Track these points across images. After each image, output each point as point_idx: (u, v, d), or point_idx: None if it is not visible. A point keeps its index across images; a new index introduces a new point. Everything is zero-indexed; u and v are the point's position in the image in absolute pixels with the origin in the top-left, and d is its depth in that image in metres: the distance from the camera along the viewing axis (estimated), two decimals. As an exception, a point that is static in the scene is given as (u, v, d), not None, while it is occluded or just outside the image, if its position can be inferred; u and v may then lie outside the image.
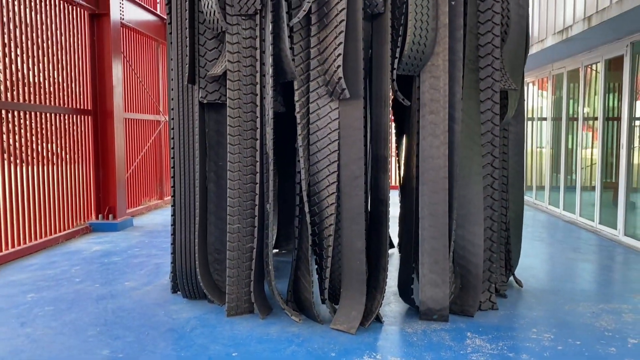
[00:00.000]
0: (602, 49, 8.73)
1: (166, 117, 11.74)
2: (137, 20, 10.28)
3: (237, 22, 4.60)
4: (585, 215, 9.33)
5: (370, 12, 4.59)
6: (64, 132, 8.17)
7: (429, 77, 4.55)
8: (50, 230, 7.71)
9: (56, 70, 8.04)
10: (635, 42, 7.73)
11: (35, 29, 7.54)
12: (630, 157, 7.92)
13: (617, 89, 8.46)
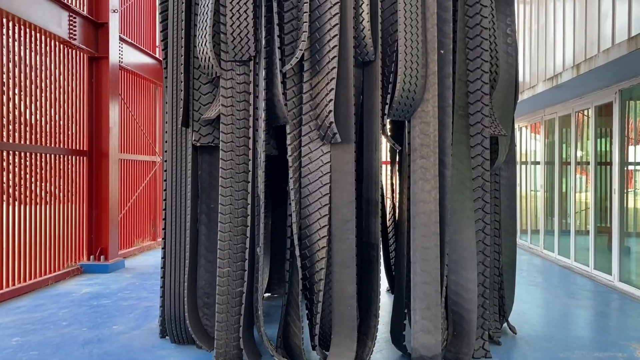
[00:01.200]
0: (592, 95, 8.90)
1: (161, 157, 11.81)
2: (135, 63, 10.47)
3: (231, 68, 4.69)
4: (580, 260, 9.29)
5: (362, 59, 4.69)
6: (59, 172, 8.18)
7: (419, 122, 4.62)
8: (39, 272, 7.62)
9: (54, 110, 8.13)
10: (624, 90, 7.89)
11: (34, 69, 7.67)
12: (623, 202, 7.95)
13: (608, 133, 8.58)
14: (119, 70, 9.45)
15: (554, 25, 9.62)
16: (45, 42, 7.94)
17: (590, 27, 7.91)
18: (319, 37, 4.54)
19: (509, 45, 5.21)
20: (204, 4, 4.72)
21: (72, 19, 8.17)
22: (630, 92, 7.80)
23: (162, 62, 5.20)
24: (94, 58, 9.02)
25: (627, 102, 7.95)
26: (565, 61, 8.70)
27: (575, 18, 8.56)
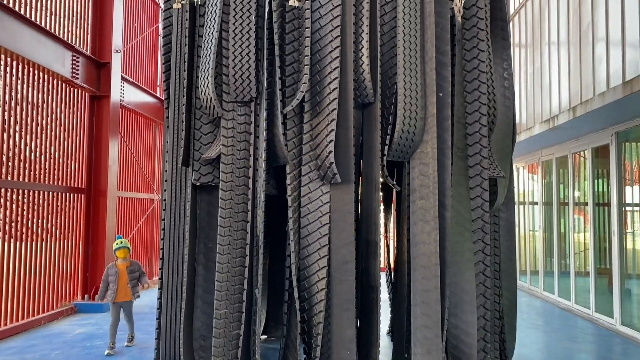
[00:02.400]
0: (588, 137, 8.99)
1: (159, 195, 11.78)
2: (136, 101, 10.58)
3: (232, 109, 4.74)
4: (581, 303, 9.18)
5: (361, 101, 4.75)
6: (56, 210, 8.14)
7: (418, 163, 4.63)
8: (32, 311, 7.48)
9: (54, 147, 8.16)
10: (620, 132, 7.97)
11: (36, 107, 7.73)
12: (623, 244, 7.92)
13: (605, 174, 8.62)
14: (119, 109, 9.54)
15: (549, 68, 9.80)
16: (47, 81, 8.04)
17: (585, 70, 8.06)
18: (320, 79, 4.61)
19: (506, 89, 5.29)
20: (207, 47, 4.80)
21: (76, 58, 8.30)
22: (627, 134, 7.88)
23: (164, 102, 5.25)
24: (95, 97, 9.11)
25: (623, 144, 8.03)
26: (561, 103, 8.83)
27: (570, 62, 8.73)
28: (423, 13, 4.77)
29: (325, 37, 4.63)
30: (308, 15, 4.59)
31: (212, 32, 4.76)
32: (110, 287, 6.24)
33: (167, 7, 5.30)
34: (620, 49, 6.95)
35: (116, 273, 6.24)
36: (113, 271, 6.27)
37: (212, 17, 4.80)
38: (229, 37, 4.77)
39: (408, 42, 4.65)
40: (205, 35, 4.87)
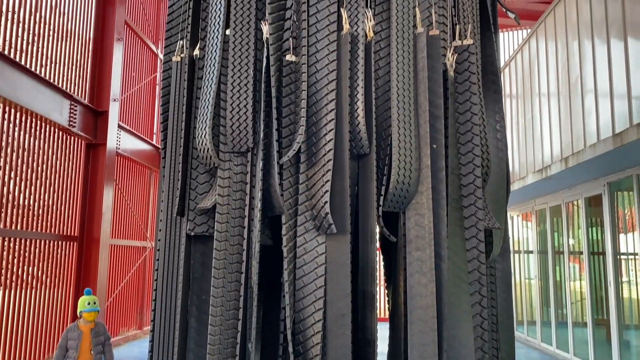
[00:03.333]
0: (581, 187, 9.07)
1: (152, 243, 11.69)
2: (132, 149, 10.64)
3: (229, 159, 4.77)
4: (580, 355, 9.02)
5: (357, 152, 4.80)
6: (47, 258, 8.04)
7: (414, 214, 4.64)
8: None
9: (48, 195, 8.14)
10: (612, 182, 8.06)
11: (31, 154, 7.76)
12: (619, 293, 7.87)
13: (599, 223, 8.66)
14: (115, 157, 9.58)
15: (540, 119, 9.99)
16: (44, 129, 8.10)
17: (576, 122, 8.22)
18: (316, 130, 4.67)
19: (499, 140, 5.37)
20: (205, 98, 4.88)
21: (73, 107, 8.40)
22: (619, 184, 7.97)
23: (161, 152, 5.29)
24: (91, 145, 9.17)
25: (615, 193, 8.10)
26: (553, 154, 8.95)
27: (560, 113, 8.91)
28: (416, 68, 4.89)
29: (321, 90, 4.72)
30: (305, 69, 4.70)
31: (211, 84, 4.85)
32: (69, 355, 5.07)
33: (167, 59, 5.41)
34: (609, 101, 7.11)
35: (79, 336, 5.07)
36: (75, 334, 5.10)
37: (210, 70, 4.90)
38: (227, 89, 4.86)
39: (402, 95, 4.75)
40: (204, 87, 4.96)
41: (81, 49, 9.13)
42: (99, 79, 9.43)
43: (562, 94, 8.89)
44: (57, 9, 8.50)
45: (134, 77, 11.30)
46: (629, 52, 7.15)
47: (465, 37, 5.30)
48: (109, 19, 9.67)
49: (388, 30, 5.04)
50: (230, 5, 5.00)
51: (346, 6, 4.89)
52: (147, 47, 12.08)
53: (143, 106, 11.95)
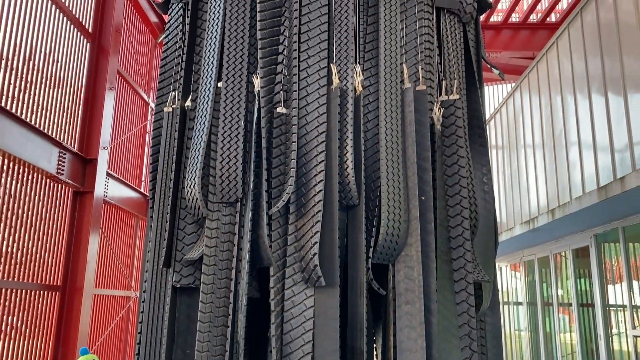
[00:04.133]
0: (568, 239, 9.13)
1: (136, 292, 11.46)
2: (119, 197, 10.58)
3: (217, 209, 4.76)
4: (573, 411, 8.84)
5: (346, 203, 4.81)
6: (28, 308, 7.83)
7: (403, 266, 4.62)
8: (-9, 421, 6.96)
9: (32, 242, 8.01)
10: (598, 234, 8.12)
11: (17, 201, 7.67)
12: (610, 346, 7.80)
13: (587, 274, 8.67)
14: (102, 204, 9.51)
15: (526, 170, 10.15)
16: (31, 175, 8.05)
17: (561, 173, 8.36)
18: (305, 181, 4.69)
19: (486, 193, 5.42)
20: (196, 148, 4.91)
21: (62, 155, 8.39)
22: (605, 235, 8.03)
23: (149, 202, 5.26)
24: (79, 192, 9.11)
25: (602, 245, 8.16)
26: (540, 205, 9.04)
27: (546, 165, 9.07)
28: (404, 121, 4.99)
29: (311, 142, 4.78)
30: (295, 121, 4.77)
31: (202, 134, 4.89)
32: None
33: (158, 110, 5.47)
34: (593, 154, 7.27)
35: None
36: None
37: (201, 121, 4.96)
38: (218, 139, 4.90)
39: (390, 148, 4.82)
40: (194, 138, 5.00)
41: (73, 97, 9.21)
42: (89, 126, 9.47)
43: (547, 146, 9.07)
44: (50, 57, 8.62)
45: (124, 125, 11.37)
46: (609, 106, 7.37)
47: (452, 92, 5.43)
48: (102, 68, 9.81)
49: (376, 85, 5.16)
50: (222, 59, 5.11)
51: (336, 62, 5.02)
52: (138, 96, 12.22)
53: (132, 154, 11.97)
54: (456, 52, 5.70)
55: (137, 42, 12.26)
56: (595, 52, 7.84)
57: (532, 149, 9.84)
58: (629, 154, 6.71)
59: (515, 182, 10.57)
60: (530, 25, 14.54)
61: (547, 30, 14.01)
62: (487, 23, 14.42)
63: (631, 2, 7.05)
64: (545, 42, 10.76)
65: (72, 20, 9.35)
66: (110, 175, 9.97)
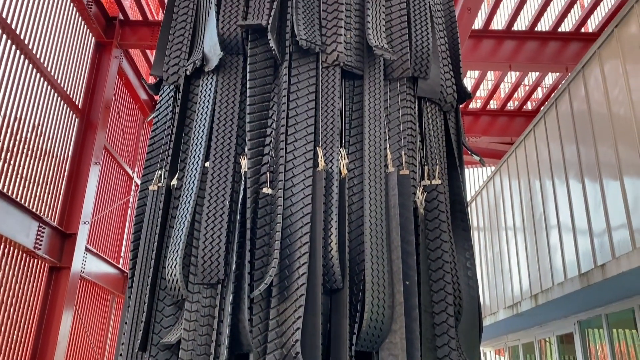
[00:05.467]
0: (552, 324, 9.03)
1: (108, 375, 10.91)
2: (97, 273, 10.32)
3: (198, 291, 4.65)
4: None
5: (329, 287, 4.75)
6: (-11, 392, 7.39)
7: (387, 354, 4.50)
8: None
9: (2, 320, 7.67)
10: (582, 321, 8.06)
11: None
12: None
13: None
14: (78, 280, 9.25)
15: (508, 253, 10.19)
16: (6, 249, 7.86)
17: (542, 258, 8.41)
18: (289, 263, 4.65)
19: (470, 278, 5.41)
20: (179, 228, 4.87)
21: (41, 229, 8.26)
22: (589, 322, 7.97)
23: (128, 281, 5.14)
24: (55, 267, 8.88)
25: (586, 330, 8.07)
26: (523, 289, 9.01)
27: (527, 248, 9.14)
28: (388, 205, 5.04)
29: (295, 223, 4.78)
30: (280, 202, 4.79)
31: (186, 214, 4.88)
32: None
33: (143, 187, 5.47)
34: (572, 238, 7.36)
35: None
36: None
37: (186, 200, 4.96)
38: (202, 219, 4.88)
39: (375, 231, 4.84)
40: (178, 217, 4.98)
41: (57, 170, 9.19)
42: (72, 200, 9.39)
43: (528, 230, 9.18)
44: (38, 129, 8.68)
45: (107, 199, 11.30)
46: (587, 192, 7.57)
47: (434, 177, 5.55)
48: (89, 143, 9.89)
49: (361, 169, 5.26)
50: (211, 139, 5.20)
51: (322, 145, 5.14)
52: (122, 170, 12.25)
53: (113, 228, 11.82)
54: (437, 139, 5.88)
55: (126, 118, 12.47)
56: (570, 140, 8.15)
57: (513, 231, 9.94)
58: (607, 239, 6.81)
59: (498, 265, 10.58)
60: (507, 113, 15.17)
61: (524, 118, 14.61)
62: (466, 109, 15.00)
63: (602, 93, 7.45)
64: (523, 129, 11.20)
65: (62, 96, 9.52)
66: (89, 250, 9.78)
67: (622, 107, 6.97)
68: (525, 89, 15.30)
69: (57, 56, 9.32)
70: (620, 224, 6.67)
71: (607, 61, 7.36)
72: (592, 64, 7.65)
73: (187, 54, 5.75)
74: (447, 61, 6.13)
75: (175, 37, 5.86)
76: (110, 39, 10.69)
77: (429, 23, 5.92)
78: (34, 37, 8.69)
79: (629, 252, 6.21)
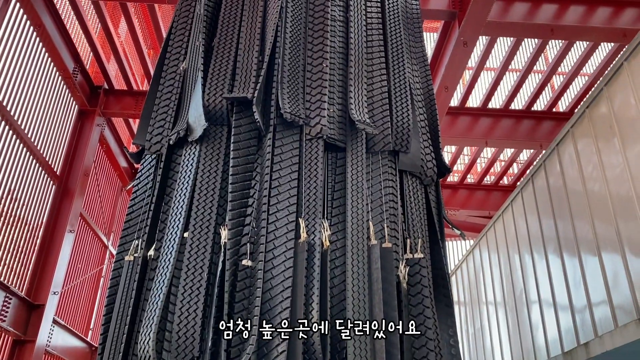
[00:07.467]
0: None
1: None
2: (63, 346, 9.80)
3: (171, 370, 4.42)
4: None
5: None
6: None
7: None
8: None
9: (-47, 401, 7.15)
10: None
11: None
12: None
13: None
14: (43, 355, 8.75)
15: (489, 329, 10.03)
16: (-31, 322, 7.46)
17: (524, 334, 8.28)
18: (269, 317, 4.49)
19: (453, 356, 5.26)
20: (154, 301, 4.70)
21: (8, 300, 7.89)
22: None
23: (97, 357, 4.87)
24: (19, 341, 8.41)
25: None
26: None
27: (508, 324, 9.01)
28: (371, 279, 4.96)
29: (276, 297, 4.65)
30: (260, 275, 4.68)
31: (162, 286, 4.72)
32: None
33: (119, 257, 5.31)
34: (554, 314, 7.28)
35: None
36: None
37: (163, 272, 4.81)
38: (178, 292, 4.72)
39: (357, 306, 4.74)
40: (154, 289, 4.81)
41: (29, 237, 8.93)
42: (42, 269, 9.06)
43: (509, 305, 9.09)
44: (12, 195, 8.49)
45: (79, 268, 10.94)
46: (566, 268, 7.58)
47: (416, 250, 5.51)
48: (65, 210, 9.69)
49: (343, 241, 5.20)
50: (191, 209, 5.12)
51: (304, 216, 5.10)
52: (97, 238, 11.96)
53: (83, 299, 11.36)
54: (419, 212, 5.90)
55: (104, 186, 12.33)
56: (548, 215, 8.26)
57: (494, 306, 9.85)
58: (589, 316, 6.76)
59: (480, 341, 10.38)
60: (484, 187, 15.45)
61: (501, 192, 14.88)
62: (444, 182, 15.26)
63: (576, 169, 7.64)
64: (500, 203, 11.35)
65: (41, 162, 9.42)
66: (57, 322, 9.33)
67: (596, 183, 7.14)
68: (501, 164, 15.69)
69: (38, 122, 9.30)
70: (601, 300, 6.65)
71: (580, 139, 7.62)
72: (566, 141, 7.91)
73: (171, 123, 5.79)
74: (427, 136, 6.27)
75: (160, 107, 5.91)
76: (93, 107, 10.76)
77: (409, 99, 6.10)
78: (16, 102, 8.70)
79: (612, 330, 6.15)
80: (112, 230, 12.78)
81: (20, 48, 8.76)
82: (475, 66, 11.43)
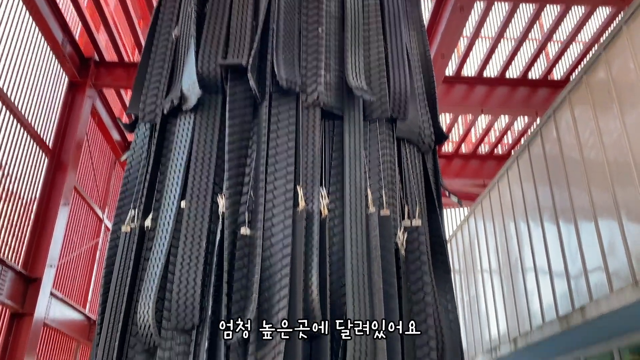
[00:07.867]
0: (531, 368, 8.91)
1: None
2: (61, 319, 9.83)
3: (171, 337, 4.42)
4: None
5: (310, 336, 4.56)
6: None
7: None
8: None
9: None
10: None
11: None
12: None
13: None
14: (42, 328, 8.77)
15: (484, 296, 10.13)
16: (-34, 296, 7.44)
17: (520, 301, 8.36)
18: (268, 307, 4.48)
19: (452, 322, 5.29)
20: (152, 271, 4.67)
21: (4, 273, 7.86)
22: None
23: (96, 327, 4.86)
24: (17, 314, 8.42)
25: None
26: (500, 333, 8.92)
27: (504, 291, 9.09)
28: (369, 246, 4.94)
29: (275, 265, 4.64)
30: (259, 243, 4.66)
31: (160, 256, 4.69)
32: None
33: (116, 228, 5.26)
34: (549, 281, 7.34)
35: None
36: None
37: (161, 242, 4.78)
38: (177, 261, 4.69)
39: (356, 272, 4.73)
40: (152, 260, 4.78)
41: (23, 211, 8.86)
42: (38, 243, 9.01)
43: (504, 273, 9.16)
44: (5, 169, 8.40)
45: (75, 241, 10.90)
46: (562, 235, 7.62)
47: (414, 217, 5.50)
48: (58, 183, 9.59)
49: (342, 209, 5.17)
50: (188, 178, 5.06)
51: (302, 184, 5.05)
52: (92, 212, 11.90)
53: (80, 272, 11.36)
54: (417, 180, 5.86)
55: (97, 158, 12.21)
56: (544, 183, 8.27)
57: (489, 274, 9.93)
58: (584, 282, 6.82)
59: (475, 308, 10.50)
60: (479, 156, 15.43)
61: (495, 161, 14.88)
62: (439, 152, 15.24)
63: (573, 136, 7.61)
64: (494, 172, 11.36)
65: (33, 135, 9.29)
66: (54, 295, 9.33)
67: (593, 150, 7.12)
68: (495, 133, 15.66)
69: (28, 95, 9.14)
70: (597, 267, 6.70)
71: (577, 105, 7.56)
72: (562, 107, 7.86)
73: (164, 92, 5.67)
74: (424, 103, 6.19)
75: (153, 75, 5.79)
76: (84, 79, 10.56)
77: (406, 66, 6.00)
78: (4, 74, 8.53)
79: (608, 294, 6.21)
80: (106, 204, 12.71)
81: (7, 18, 8.54)
82: (470, 35, 11.29)
